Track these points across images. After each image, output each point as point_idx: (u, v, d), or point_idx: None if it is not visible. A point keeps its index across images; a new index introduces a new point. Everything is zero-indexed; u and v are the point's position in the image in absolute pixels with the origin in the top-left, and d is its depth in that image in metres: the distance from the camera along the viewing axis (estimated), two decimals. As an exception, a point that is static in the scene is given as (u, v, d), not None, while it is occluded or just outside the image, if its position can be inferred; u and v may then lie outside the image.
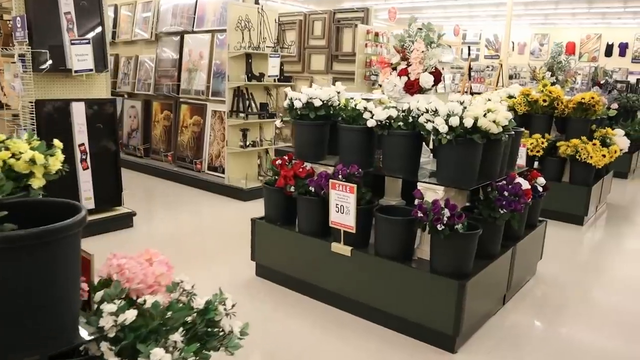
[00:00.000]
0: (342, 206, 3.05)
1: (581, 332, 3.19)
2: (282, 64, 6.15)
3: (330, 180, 3.08)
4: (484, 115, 2.71)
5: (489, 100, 2.95)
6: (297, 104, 3.42)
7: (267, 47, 5.90)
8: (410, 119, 3.03)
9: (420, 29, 3.44)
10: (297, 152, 3.58)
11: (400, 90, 3.41)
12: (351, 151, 3.29)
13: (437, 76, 3.40)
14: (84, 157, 4.60)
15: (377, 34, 7.64)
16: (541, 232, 3.88)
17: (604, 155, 5.33)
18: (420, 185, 2.99)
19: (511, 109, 5.82)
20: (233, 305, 1.61)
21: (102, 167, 4.73)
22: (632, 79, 11.12)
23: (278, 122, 3.45)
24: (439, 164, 2.90)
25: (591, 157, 5.25)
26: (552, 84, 5.92)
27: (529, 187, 3.25)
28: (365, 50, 7.56)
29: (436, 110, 2.80)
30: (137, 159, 7.55)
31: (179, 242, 4.53)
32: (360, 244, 3.14)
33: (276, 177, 3.48)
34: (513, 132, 3.24)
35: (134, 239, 4.57)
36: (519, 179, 3.25)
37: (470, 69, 12.75)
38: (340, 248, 3.16)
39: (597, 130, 5.82)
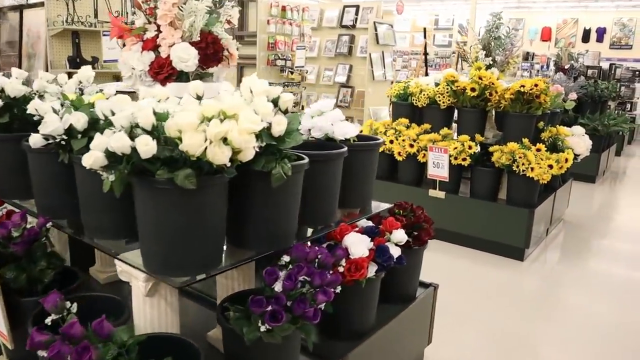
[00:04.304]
0: (-14, 302, 1.56)
1: None
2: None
3: (-37, 252, 1.58)
4: (198, 128, 1.22)
5: (251, 91, 1.45)
6: (-39, 103, 1.91)
7: (101, 22, 4.36)
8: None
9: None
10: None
11: (144, 75, 1.91)
12: (45, 187, 1.79)
13: (211, 49, 1.90)
14: None
15: (284, 9, 6.12)
16: (427, 304, 2.41)
17: (550, 166, 3.88)
18: (119, 267, 1.50)
19: (432, 100, 4.37)
20: None
21: None
22: (607, 65, 9.72)
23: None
24: (139, 229, 1.40)
25: (532, 168, 3.80)
26: (488, 67, 4.45)
27: (368, 250, 1.77)
28: (267, 28, 6.04)
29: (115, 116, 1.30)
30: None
31: None
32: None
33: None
34: (332, 153, 1.77)
35: None
36: (352, 237, 1.77)
37: (425, 53, 11.33)
38: (0, 377, 1.67)
39: (547, 129, 4.37)
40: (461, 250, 4.16)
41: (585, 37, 17.16)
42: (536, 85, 3.92)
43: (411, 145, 4.26)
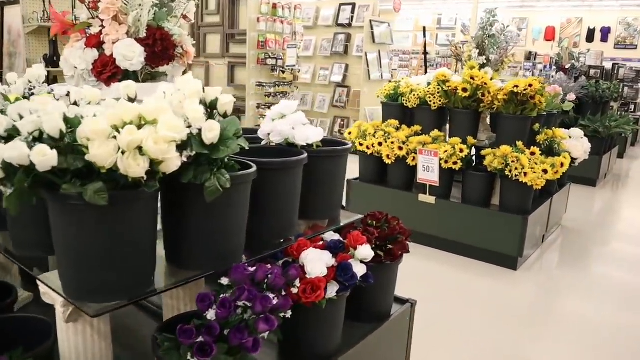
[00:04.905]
0: None
1: None
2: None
3: None
4: (114, 137, 1.06)
5: (185, 93, 1.29)
6: None
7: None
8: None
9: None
10: None
11: (87, 74, 1.76)
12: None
13: (159, 46, 1.73)
14: None
15: (275, 6, 5.95)
16: (403, 322, 2.24)
17: (545, 171, 3.70)
18: (42, 289, 1.35)
19: (424, 101, 4.19)
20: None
21: None
22: (610, 65, 9.50)
23: None
24: (55, 249, 1.25)
25: (525, 173, 3.62)
26: (481, 66, 4.27)
27: (327, 269, 1.60)
28: (258, 26, 5.87)
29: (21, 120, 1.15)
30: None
31: None
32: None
33: None
34: (288, 161, 1.61)
35: None
36: (310, 254, 1.61)
37: (425, 53, 11.16)
38: None
39: (542, 131, 4.19)
40: (451, 258, 3.99)
41: (590, 37, 16.93)
42: (530, 85, 3.74)
43: (400, 148, 4.09)
